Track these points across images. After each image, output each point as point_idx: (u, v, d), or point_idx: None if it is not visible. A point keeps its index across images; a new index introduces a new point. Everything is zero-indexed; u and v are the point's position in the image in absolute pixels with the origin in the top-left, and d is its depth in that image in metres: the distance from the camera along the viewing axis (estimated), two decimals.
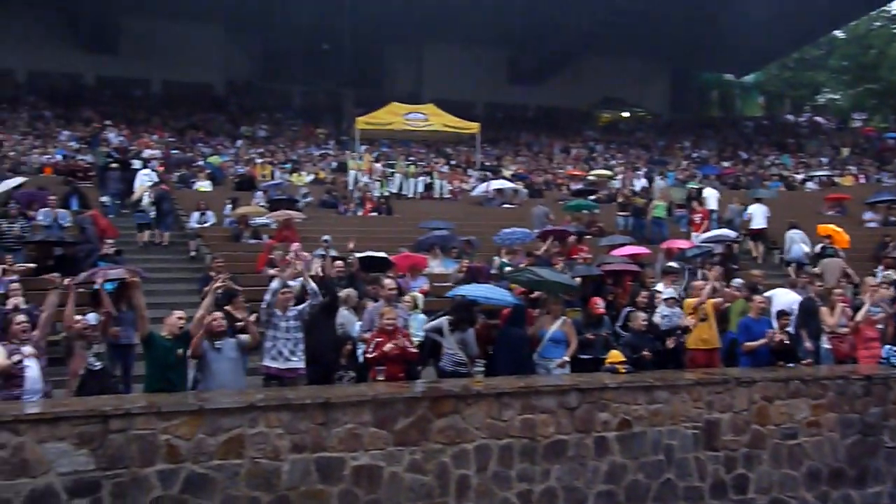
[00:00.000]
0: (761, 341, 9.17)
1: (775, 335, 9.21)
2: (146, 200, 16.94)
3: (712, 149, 36.89)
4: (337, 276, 10.00)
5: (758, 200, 19.41)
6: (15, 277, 11.22)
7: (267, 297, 8.16)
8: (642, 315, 9.39)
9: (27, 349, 6.96)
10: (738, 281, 11.97)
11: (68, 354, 7.53)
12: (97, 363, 7.47)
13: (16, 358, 6.73)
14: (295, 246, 10.88)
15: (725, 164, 33.17)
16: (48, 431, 6.13)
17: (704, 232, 17.27)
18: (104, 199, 18.22)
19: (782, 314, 9.71)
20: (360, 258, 11.79)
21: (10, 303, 9.65)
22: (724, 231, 16.89)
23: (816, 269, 14.65)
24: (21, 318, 7.16)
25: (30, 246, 13.32)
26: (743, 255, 17.59)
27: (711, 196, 20.54)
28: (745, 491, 8.43)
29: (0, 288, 11.15)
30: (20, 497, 6.00)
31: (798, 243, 16.98)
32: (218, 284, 8.11)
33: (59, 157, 23.72)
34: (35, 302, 9.54)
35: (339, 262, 10.30)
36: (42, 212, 15.12)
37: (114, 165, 19.45)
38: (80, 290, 8.92)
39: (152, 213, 16.69)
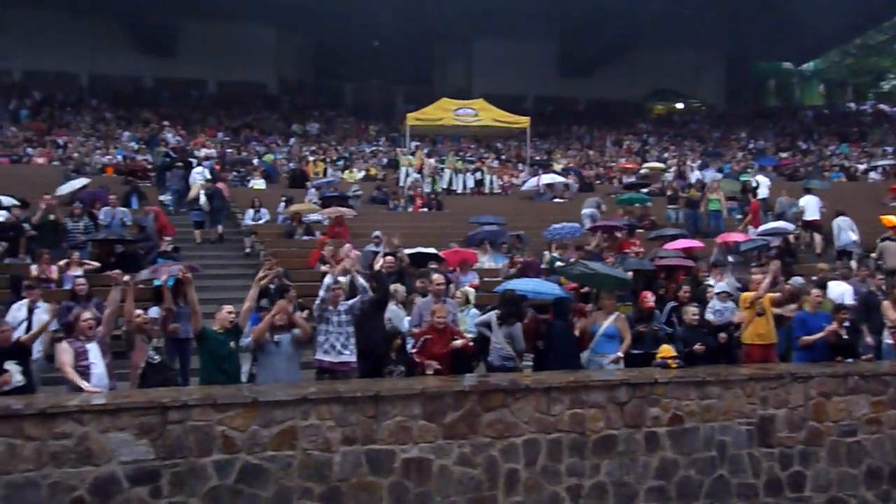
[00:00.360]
0: (818, 335, 8.94)
1: (832, 329, 8.97)
2: (203, 199, 17.40)
3: (769, 140, 36.01)
4: (387, 272, 10.08)
5: (808, 191, 18.90)
6: (80, 272, 11.64)
7: (321, 292, 8.31)
8: (693, 309, 9.25)
9: (93, 346, 7.22)
10: (798, 279, 11.50)
11: (129, 348, 7.78)
12: (156, 357, 7.71)
13: (84, 385, 6.99)
14: (346, 247, 11.06)
15: (783, 154, 32.35)
16: (110, 422, 6.38)
17: (750, 225, 16.90)
18: (163, 197, 18.76)
19: (840, 308, 9.45)
20: (410, 254, 11.89)
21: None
22: (782, 223, 16.50)
23: (874, 255, 14.21)
24: (87, 315, 7.41)
25: (93, 244, 13.80)
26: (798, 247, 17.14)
27: (762, 184, 20.12)
28: (801, 489, 8.24)
29: (66, 283, 11.61)
30: (85, 484, 6.26)
31: (846, 231, 16.49)
32: (260, 275, 8.27)
33: (119, 158, 24.48)
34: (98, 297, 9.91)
35: (389, 258, 10.38)
36: (103, 210, 15.62)
37: (179, 164, 20.00)
38: (141, 286, 9.22)
39: (207, 210, 17.16)
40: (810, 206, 18.01)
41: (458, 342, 8.40)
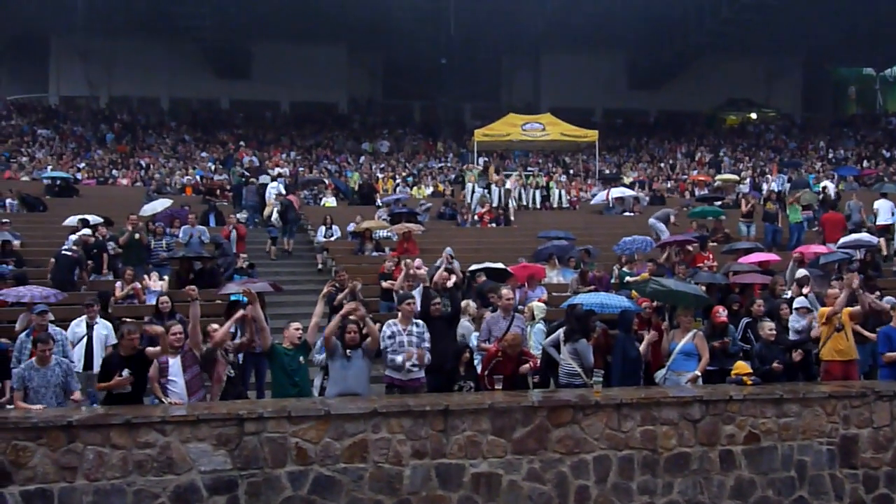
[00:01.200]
0: None
1: None
2: (275, 216, 17.91)
3: (850, 148, 34.70)
4: (442, 287, 9.99)
5: (883, 195, 18.22)
6: (160, 290, 12.08)
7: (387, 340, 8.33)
8: (769, 324, 8.99)
9: (175, 361, 7.49)
10: (892, 300, 10.77)
11: (210, 362, 7.99)
12: (232, 371, 7.97)
13: (165, 401, 7.29)
14: (417, 261, 11.12)
15: (865, 164, 31.13)
16: (190, 432, 6.61)
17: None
18: (239, 215, 19.37)
19: None
20: (474, 269, 11.93)
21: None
22: (864, 235, 15.89)
23: None
24: (178, 328, 7.68)
25: (173, 261, 14.33)
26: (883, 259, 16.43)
27: (829, 189, 19.57)
28: None
29: (149, 299, 12.06)
30: (167, 492, 6.51)
31: None
32: (325, 291, 8.40)
33: (198, 178, 25.40)
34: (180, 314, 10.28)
35: (443, 274, 10.32)
36: (182, 229, 16.21)
37: (252, 180, 20.66)
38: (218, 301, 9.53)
39: (279, 225, 17.69)
40: (883, 210, 17.45)
41: (526, 367, 8.39)
